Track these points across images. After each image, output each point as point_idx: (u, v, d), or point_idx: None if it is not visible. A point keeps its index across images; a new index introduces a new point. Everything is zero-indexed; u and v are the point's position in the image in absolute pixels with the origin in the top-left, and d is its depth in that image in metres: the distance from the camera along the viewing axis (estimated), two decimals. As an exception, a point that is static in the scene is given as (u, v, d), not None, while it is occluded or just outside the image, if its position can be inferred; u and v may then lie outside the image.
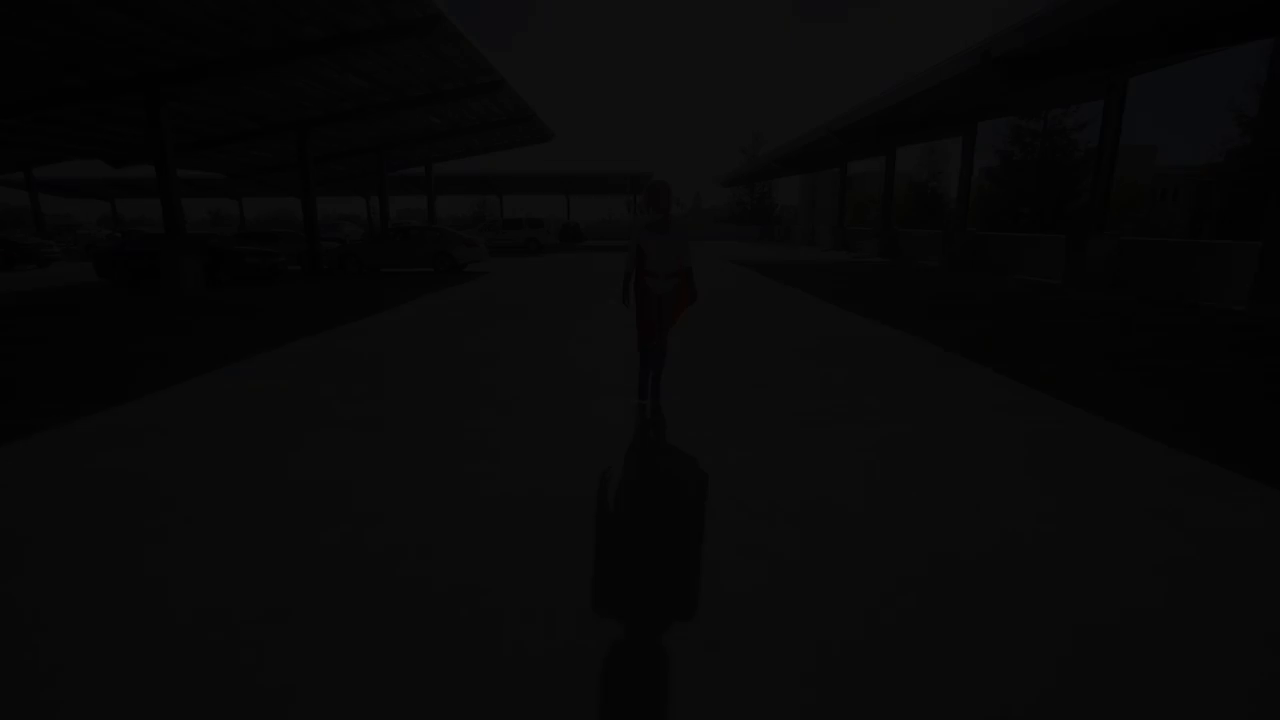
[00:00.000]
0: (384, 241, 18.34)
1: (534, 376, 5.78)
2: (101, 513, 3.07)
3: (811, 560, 2.61)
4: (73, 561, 2.63)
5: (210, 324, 9.07)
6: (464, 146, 25.63)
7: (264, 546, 2.74)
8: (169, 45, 11.19)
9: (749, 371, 5.92)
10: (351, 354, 6.77)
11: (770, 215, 53.20)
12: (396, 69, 14.67)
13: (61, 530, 2.91)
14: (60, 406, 4.87)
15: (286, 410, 4.79)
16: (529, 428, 4.37)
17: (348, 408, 4.85)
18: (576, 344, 7.31)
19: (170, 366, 6.23)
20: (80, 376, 5.92)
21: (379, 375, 5.83)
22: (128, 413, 4.75)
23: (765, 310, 10.07)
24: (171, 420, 4.56)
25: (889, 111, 16.50)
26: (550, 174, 40.97)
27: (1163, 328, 8.22)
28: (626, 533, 2.88)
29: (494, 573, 2.53)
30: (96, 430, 4.34)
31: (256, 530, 2.89)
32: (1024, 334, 7.80)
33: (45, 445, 4.05)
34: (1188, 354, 6.58)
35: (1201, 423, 4.36)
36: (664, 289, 4.40)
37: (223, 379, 5.75)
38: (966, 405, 4.81)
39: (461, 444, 4.04)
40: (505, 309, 10.38)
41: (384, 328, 8.56)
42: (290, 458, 3.80)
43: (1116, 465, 3.61)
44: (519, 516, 3.02)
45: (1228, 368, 5.96)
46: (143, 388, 5.43)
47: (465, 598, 2.35)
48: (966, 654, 2.02)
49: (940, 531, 2.83)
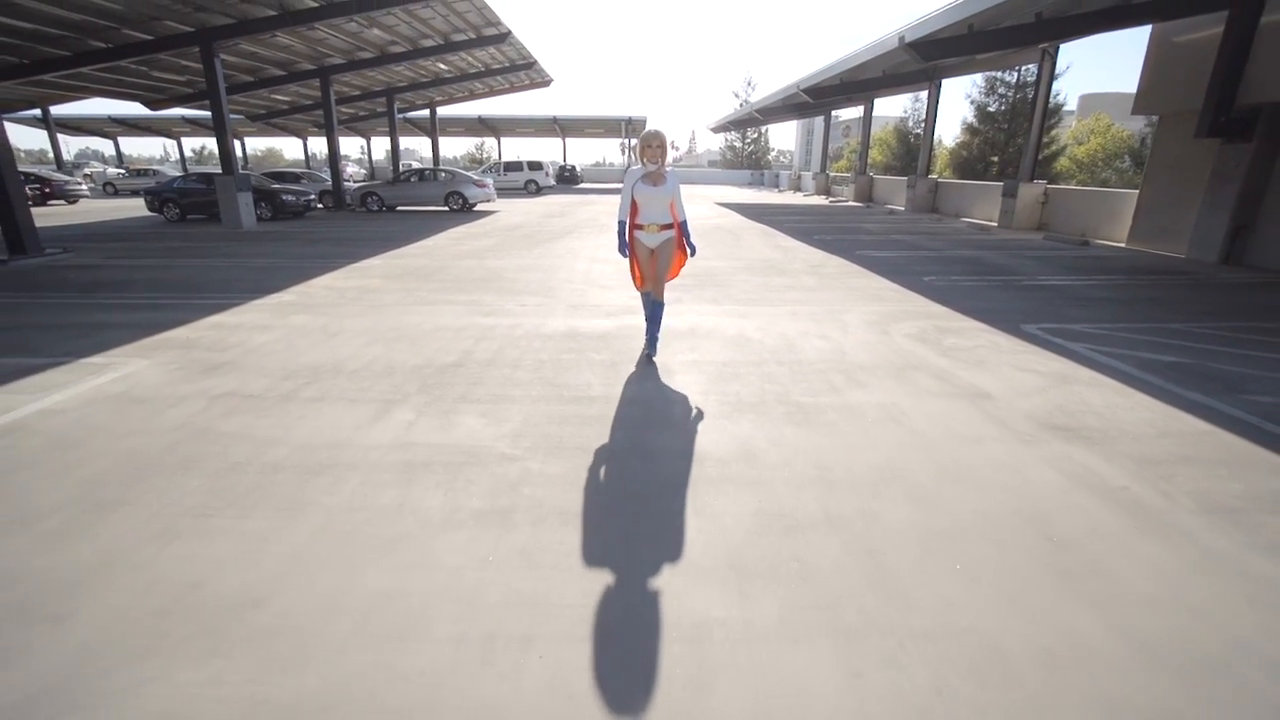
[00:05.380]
0: (402, 182, 20.20)
1: (548, 277, 8.11)
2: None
3: (724, 352, 5.03)
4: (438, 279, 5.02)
5: (287, 248, 11.27)
6: (468, 91, 26.98)
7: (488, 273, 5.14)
8: (223, 4, 12.85)
9: (705, 278, 8.25)
10: (414, 266, 9.06)
11: (761, 162, 54.26)
12: (415, 22, 16.23)
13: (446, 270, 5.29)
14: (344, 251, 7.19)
15: (397, 291, 7.13)
16: (546, 301, 6.73)
17: (430, 294, 7.19)
18: (585, 263, 9.60)
19: (313, 266, 8.50)
20: (284, 271, 8.20)
21: (441, 276, 8.14)
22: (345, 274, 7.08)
23: (732, 241, 12.31)
24: (373, 277, 6.90)
25: (847, 73, 18.29)
26: (547, 117, 41.88)
27: (1042, 258, 10.56)
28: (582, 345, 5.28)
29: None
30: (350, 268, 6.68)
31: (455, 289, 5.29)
32: (932, 261, 10.13)
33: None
34: (1040, 274, 8.96)
35: (994, 308, 6.77)
36: (656, 241, 4.53)
37: (340, 276, 8.05)
38: (852, 296, 7.19)
39: (504, 309, 6.41)
40: (520, 238, 12.58)
41: (427, 251, 10.80)
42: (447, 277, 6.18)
43: (908, 309, 6.02)
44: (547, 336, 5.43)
45: (1060, 282, 8.35)
46: (315, 273, 7.73)
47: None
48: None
49: (798, 348, 5.25)
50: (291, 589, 2.26)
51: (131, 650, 1.98)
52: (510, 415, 3.79)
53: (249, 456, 3.25)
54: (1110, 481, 3.03)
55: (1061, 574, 2.36)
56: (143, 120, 37.62)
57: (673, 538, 2.59)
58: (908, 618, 2.13)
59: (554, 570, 2.38)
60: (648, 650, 1.99)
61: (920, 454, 3.30)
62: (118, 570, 2.37)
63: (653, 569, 2.39)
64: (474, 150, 61.80)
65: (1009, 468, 3.16)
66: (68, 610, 2.15)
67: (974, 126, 30.17)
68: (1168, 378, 4.48)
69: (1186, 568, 2.40)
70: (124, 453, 3.29)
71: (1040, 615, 2.14)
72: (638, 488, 2.99)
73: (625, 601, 2.22)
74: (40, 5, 11.13)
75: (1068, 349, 5.18)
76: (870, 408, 3.93)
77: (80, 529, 2.62)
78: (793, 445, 3.40)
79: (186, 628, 2.08)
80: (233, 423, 3.66)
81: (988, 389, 4.25)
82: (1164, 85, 11.12)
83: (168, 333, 5.59)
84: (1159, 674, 1.90)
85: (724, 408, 3.92)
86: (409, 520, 2.69)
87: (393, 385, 4.29)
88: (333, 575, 2.34)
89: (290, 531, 2.60)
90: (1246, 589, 2.28)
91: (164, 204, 17.09)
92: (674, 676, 1.89)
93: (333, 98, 19.41)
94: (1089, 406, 3.96)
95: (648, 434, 3.57)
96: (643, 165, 4.38)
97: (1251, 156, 9.18)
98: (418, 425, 3.64)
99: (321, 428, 3.60)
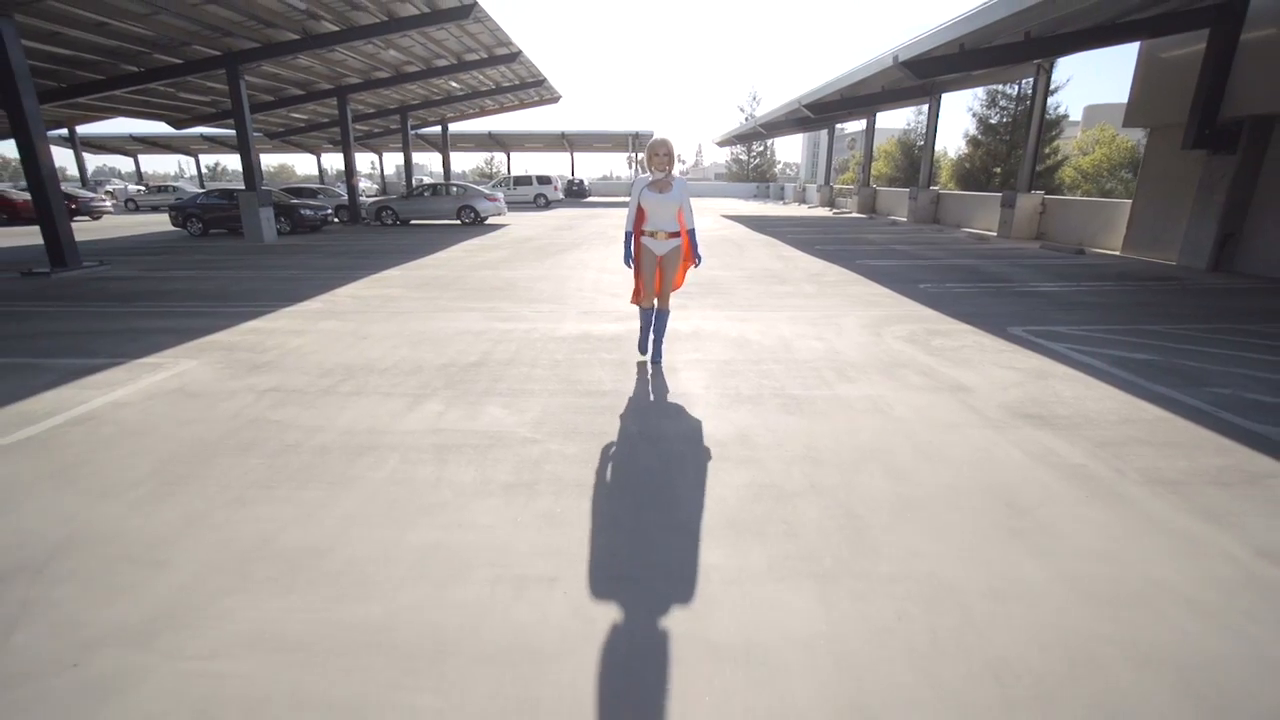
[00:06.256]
0: (415, 197, 20.81)
1: (560, 287, 8.53)
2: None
3: (725, 352, 5.41)
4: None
5: (309, 260, 11.78)
6: (479, 108, 27.71)
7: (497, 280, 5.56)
8: (248, 28, 13.51)
9: (709, 286, 8.65)
10: (432, 277, 9.52)
11: (766, 174, 54.88)
12: (429, 43, 16.89)
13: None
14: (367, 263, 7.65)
15: (419, 300, 7.57)
16: (559, 308, 7.14)
17: (449, 302, 7.63)
18: (594, 273, 10.02)
19: (336, 277, 8.98)
20: (317, 279, 8.67)
21: (459, 286, 8.58)
22: (376, 281, 7.53)
23: (736, 251, 12.73)
24: (393, 287, 7.35)
25: (847, 89, 18.79)
26: (556, 132, 42.69)
27: (1036, 266, 10.90)
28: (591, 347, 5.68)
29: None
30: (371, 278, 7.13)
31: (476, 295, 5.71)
32: (929, 269, 10.50)
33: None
34: (1032, 281, 9.31)
35: (983, 312, 7.13)
36: (664, 249, 4.57)
37: (362, 286, 8.51)
38: (849, 302, 7.56)
39: (520, 315, 6.82)
40: (531, 250, 13.05)
41: (443, 262, 11.27)
42: (461, 286, 6.61)
43: (902, 313, 6.39)
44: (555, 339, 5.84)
45: (1051, 288, 8.70)
46: (339, 284, 8.20)
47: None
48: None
49: (794, 348, 5.63)
50: (350, 543, 2.65)
51: (222, 586, 2.37)
52: (530, 406, 4.18)
53: (299, 440, 3.65)
54: (1069, 460, 3.38)
55: (1014, 532, 2.71)
56: (162, 138, 38.76)
57: (676, 504, 2.96)
58: (877, 565, 2.50)
59: (573, 529, 2.75)
60: (655, 589, 2.37)
61: (900, 438, 3.66)
62: (200, 529, 2.76)
63: (658, 528, 2.76)
64: (483, 165, 62.82)
65: (979, 449, 3.52)
66: (165, 558, 2.55)
67: (976, 138, 30.60)
68: (1138, 373, 4.82)
69: (1123, 527, 2.75)
70: (189, 438, 3.70)
71: (991, 563, 2.50)
72: (645, 465, 3.36)
73: (635, 553, 2.59)
74: (82, 34, 11.79)
75: (1048, 348, 5.53)
76: (858, 399, 4.29)
77: (162, 498, 3.02)
78: (785, 430, 3.77)
79: (265, 571, 2.47)
80: (281, 413, 4.08)
81: (968, 384, 4.61)
82: (1152, 99, 11.50)
83: (209, 337, 6.04)
84: (1088, 606, 2.25)
85: (724, 399, 4.30)
86: (445, 491, 3.08)
87: (421, 381, 4.70)
88: (385, 532, 2.72)
89: (343, 499, 3.00)
90: (1171, 543, 2.63)
91: (187, 219, 17.72)
92: (678, 607, 2.26)
93: (349, 116, 20.08)
94: (1059, 398, 4.31)
95: (654, 421, 3.95)
96: (650, 173, 4.45)
97: (1236, 168, 9.52)
98: (447, 414, 4.04)
99: (361, 416, 4.01)
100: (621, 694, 1.89)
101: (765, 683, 1.92)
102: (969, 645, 2.06)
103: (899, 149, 39.74)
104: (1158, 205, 11.52)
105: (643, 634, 2.13)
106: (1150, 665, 1.98)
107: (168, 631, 2.14)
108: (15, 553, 2.58)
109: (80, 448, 3.56)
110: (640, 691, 1.90)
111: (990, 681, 1.92)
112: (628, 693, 1.89)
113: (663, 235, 4.52)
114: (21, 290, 8.63)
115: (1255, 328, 6.30)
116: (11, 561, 2.52)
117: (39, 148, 9.50)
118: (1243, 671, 1.95)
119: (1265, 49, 8.94)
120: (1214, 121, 9.50)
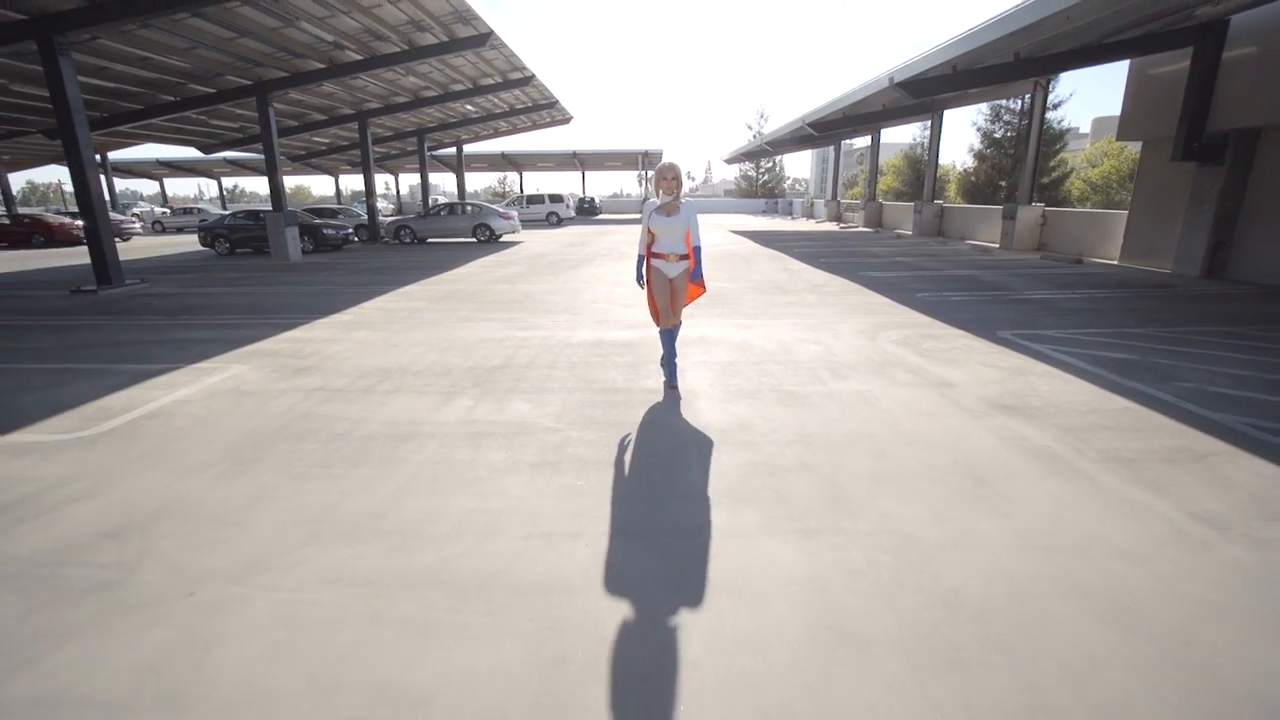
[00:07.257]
0: (433, 216, 21.54)
1: (574, 299, 9.02)
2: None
3: (729, 355, 5.84)
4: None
5: (334, 276, 12.39)
6: (493, 129, 28.60)
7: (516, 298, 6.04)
8: (278, 59, 14.32)
9: (716, 297, 9.10)
10: (453, 290, 10.06)
11: (775, 191, 55.53)
12: (446, 69, 17.68)
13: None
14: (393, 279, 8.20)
15: (442, 311, 8.08)
16: (574, 318, 7.61)
17: (471, 313, 8.13)
18: (606, 286, 10.52)
19: (363, 291, 9.53)
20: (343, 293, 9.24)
21: (479, 299, 9.10)
22: (418, 289, 8.06)
23: (743, 265, 13.19)
24: (416, 302, 7.87)
25: (849, 108, 19.35)
26: (567, 152, 43.65)
27: (1034, 275, 11.26)
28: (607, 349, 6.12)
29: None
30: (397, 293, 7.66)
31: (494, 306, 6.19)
32: (929, 280, 10.89)
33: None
34: (1028, 289, 9.67)
35: (976, 318, 7.51)
36: (675, 271, 4.63)
37: (388, 300, 9.05)
38: (848, 310, 7.98)
39: (537, 324, 7.30)
40: (545, 265, 13.60)
41: (462, 277, 11.83)
42: (481, 301, 7.10)
43: (897, 320, 6.78)
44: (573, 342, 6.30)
45: (1045, 295, 9.06)
46: (365, 297, 8.74)
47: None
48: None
49: (794, 351, 6.05)
50: (402, 509, 3.09)
51: (296, 540, 2.82)
52: (551, 401, 4.63)
53: (347, 430, 4.12)
54: (1036, 443, 3.76)
55: (978, 499, 3.10)
56: (187, 163, 40.15)
57: (681, 478, 3.38)
58: (855, 524, 2.90)
59: (593, 498, 3.18)
60: (664, 542, 2.78)
61: (885, 425, 4.06)
62: (271, 499, 3.22)
63: (665, 497, 3.18)
64: (496, 184, 64.05)
65: (955, 433, 3.91)
66: (247, 520, 3.01)
67: (981, 152, 31.05)
68: (1114, 370, 5.18)
69: (1075, 495, 3.13)
70: (250, 428, 4.18)
71: (954, 522, 2.89)
72: (655, 448, 3.79)
73: (646, 515, 3.01)
74: (126, 68, 12.61)
75: (1032, 349, 5.90)
76: (849, 394, 4.70)
77: (234, 475, 3.49)
78: (780, 419, 4.19)
79: (331, 530, 2.92)
80: (328, 408, 4.55)
81: (952, 380, 5.00)
82: (1143, 113, 11.90)
83: (253, 345, 6.56)
84: (1032, 553, 2.64)
85: (726, 394, 4.72)
86: (480, 469, 3.52)
87: (451, 382, 5.17)
88: (430, 501, 3.17)
89: (392, 476, 3.45)
90: (1114, 507, 3.01)
91: (215, 239, 18.52)
92: (681, 555, 2.68)
93: (370, 139, 20.91)
94: (1035, 391, 4.69)
95: (662, 414, 4.38)
96: (658, 197, 4.57)
97: (1224, 179, 9.88)
98: (477, 409, 4.50)
99: (399, 410, 4.47)
100: (635, 617, 2.30)
101: (755, 608, 2.33)
102: (926, 583, 2.46)
103: (905, 163, 40.25)
104: (1152, 215, 11.85)
105: (652, 574, 2.55)
106: (1078, 595, 2.36)
107: (259, 573, 2.59)
108: (123, 517, 3.05)
109: (158, 436, 4.06)
110: (650, 615, 2.31)
111: (940, 607, 2.31)
112: (640, 616, 2.31)
113: (673, 258, 4.56)
114: (75, 306, 9.26)
115: (1237, 329, 6.63)
116: (122, 522, 2.99)
117: (89, 175, 10.20)
118: (1155, 600, 2.33)
119: (1246, 66, 9.34)
120: (1201, 134, 9.88)
